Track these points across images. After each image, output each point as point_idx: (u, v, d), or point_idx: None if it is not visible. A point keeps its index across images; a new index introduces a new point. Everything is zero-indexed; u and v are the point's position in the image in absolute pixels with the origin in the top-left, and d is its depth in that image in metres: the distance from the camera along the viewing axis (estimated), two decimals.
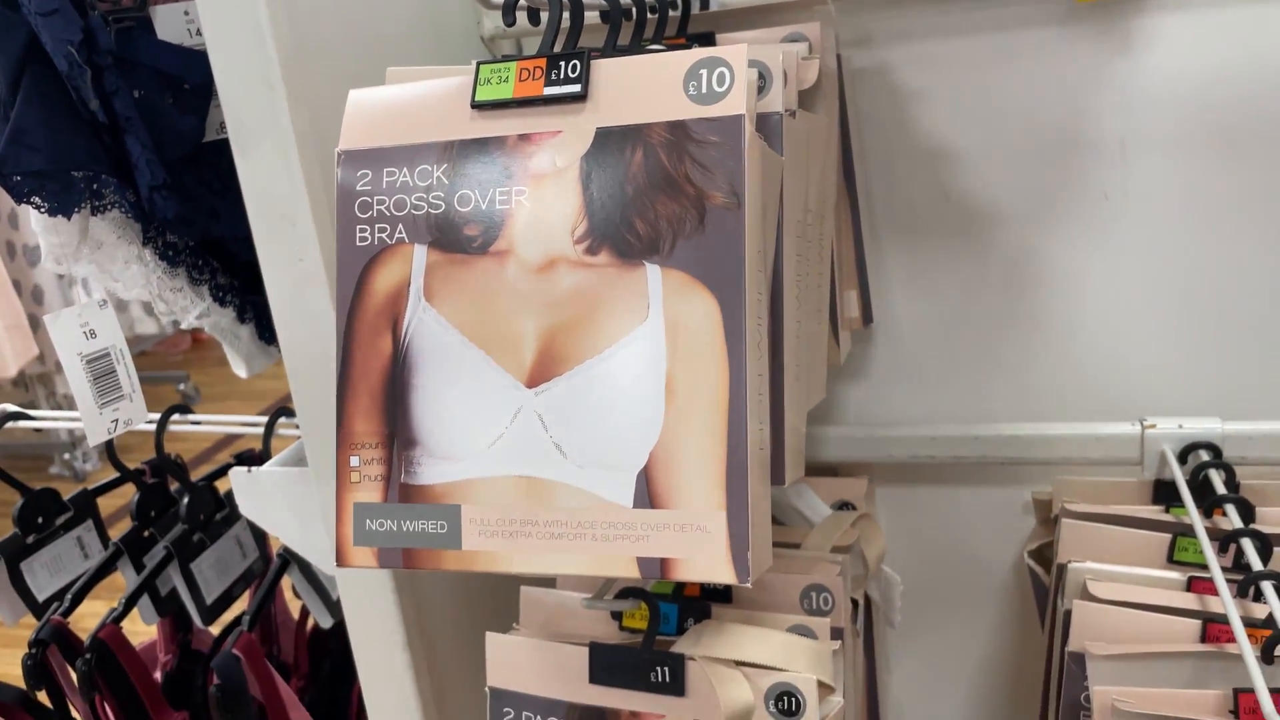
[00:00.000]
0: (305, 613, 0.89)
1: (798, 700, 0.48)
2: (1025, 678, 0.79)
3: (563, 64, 0.42)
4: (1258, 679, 0.44)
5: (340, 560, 0.43)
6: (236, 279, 0.64)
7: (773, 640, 0.49)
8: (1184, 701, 0.49)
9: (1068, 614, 0.57)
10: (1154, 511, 0.63)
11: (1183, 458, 0.66)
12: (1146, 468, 0.67)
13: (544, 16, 0.48)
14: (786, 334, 0.49)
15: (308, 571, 0.72)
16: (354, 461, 0.43)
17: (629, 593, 0.51)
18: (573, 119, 0.42)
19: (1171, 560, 0.61)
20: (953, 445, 0.71)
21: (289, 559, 0.72)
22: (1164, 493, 0.66)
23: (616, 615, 0.54)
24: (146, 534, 0.79)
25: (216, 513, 0.78)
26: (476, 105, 0.43)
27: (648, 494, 0.39)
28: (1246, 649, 0.46)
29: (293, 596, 0.89)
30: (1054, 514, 0.69)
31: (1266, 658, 0.47)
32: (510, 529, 0.41)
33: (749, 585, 0.38)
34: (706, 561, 0.38)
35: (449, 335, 0.43)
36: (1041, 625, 0.70)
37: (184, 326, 0.62)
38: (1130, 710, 0.47)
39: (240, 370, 0.67)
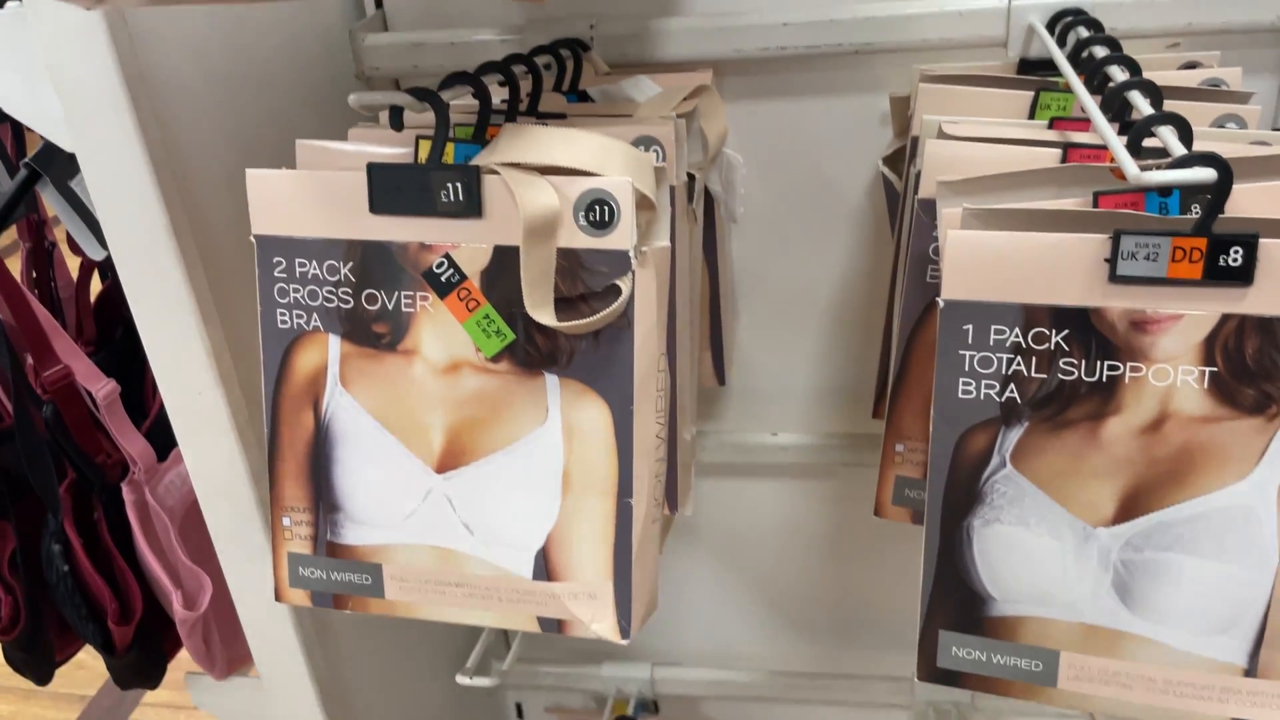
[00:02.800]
0: (87, 271, 0.78)
1: (611, 208, 0.41)
2: (878, 308, 0.76)
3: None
4: (1119, 151, 0.39)
5: None
6: None
7: (582, 141, 0.41)
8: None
9: (919, 174, 0.52)
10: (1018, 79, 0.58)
11: (1051, 30, 0.60)
12: (1011, 46, 0.62)
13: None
14: None
15: (64, 189, 0.61)
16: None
17: (415, 92, 0.42)
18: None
19: (1033, 118, 0.56)
20: (806, 32, 0.63)
21: (37, 170, 0.61)
22: (1029, 70, 0.61)
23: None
24: None
25: None
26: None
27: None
28: (1110, 137, 0.41)
29: (70, 255, 0.78)
30: (911, 111, 0.63)
31: (1133, 148, 0.42)
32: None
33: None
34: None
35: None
36: (892, 233, 0.66)
37: None
38: (984, 208, 0.42)
39: None
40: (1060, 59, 0.52)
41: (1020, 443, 0.42)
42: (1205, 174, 0.37)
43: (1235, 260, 0.38)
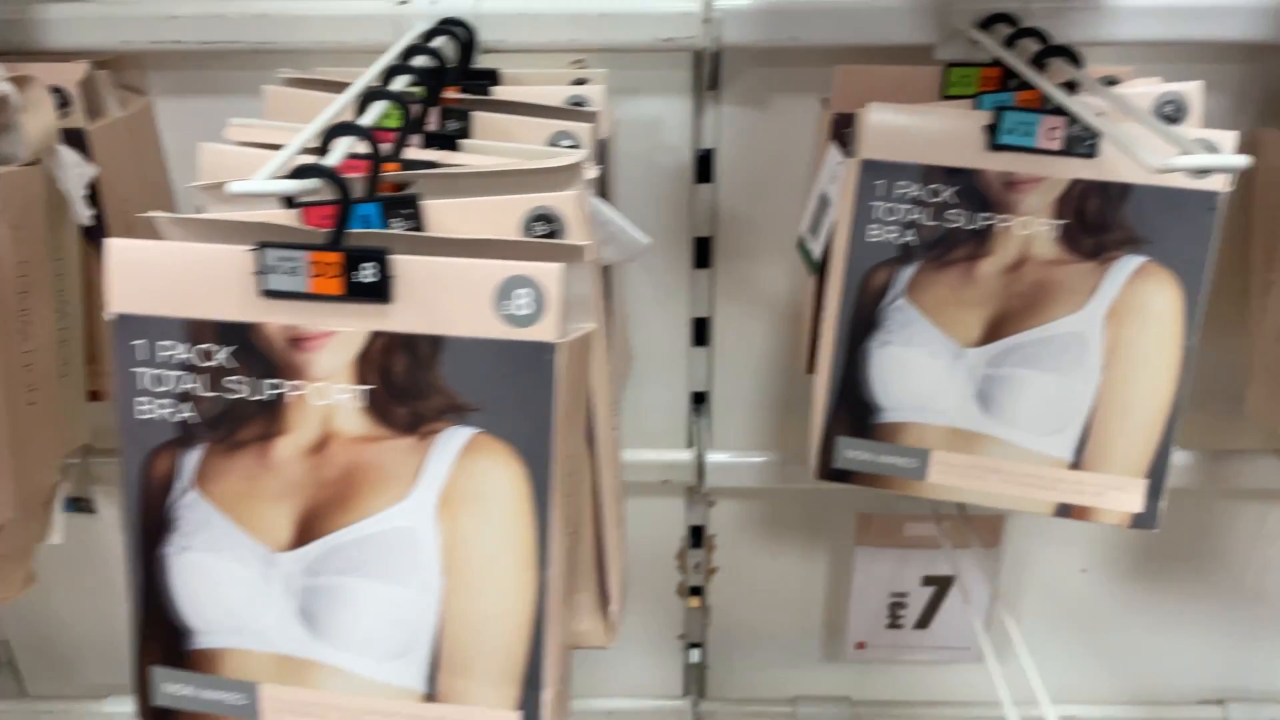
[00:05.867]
0: None
1: None
2: None
3: None
4: None
5: None
6: None
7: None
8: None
9: None
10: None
11: (431, 36, 0.59)
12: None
13: None
14: None
15: None
16: None
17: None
18: None
19: None
20: (195, 27, 0.60)
21: None
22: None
23: None
24: None
25: None
26: None
27: None
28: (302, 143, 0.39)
29: None
30: None
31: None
32: None
33: None
34: None
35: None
36: None
37: None
38: (180, 216, 0.40)
39: None
40: (376, 66, 0.50)
41: (203, 465, 0.40)
42: (306, 184, 0.36)
43: (372, 276, 0.37)
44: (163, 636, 0.41)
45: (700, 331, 0.74)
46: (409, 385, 0.38)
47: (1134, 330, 0.50)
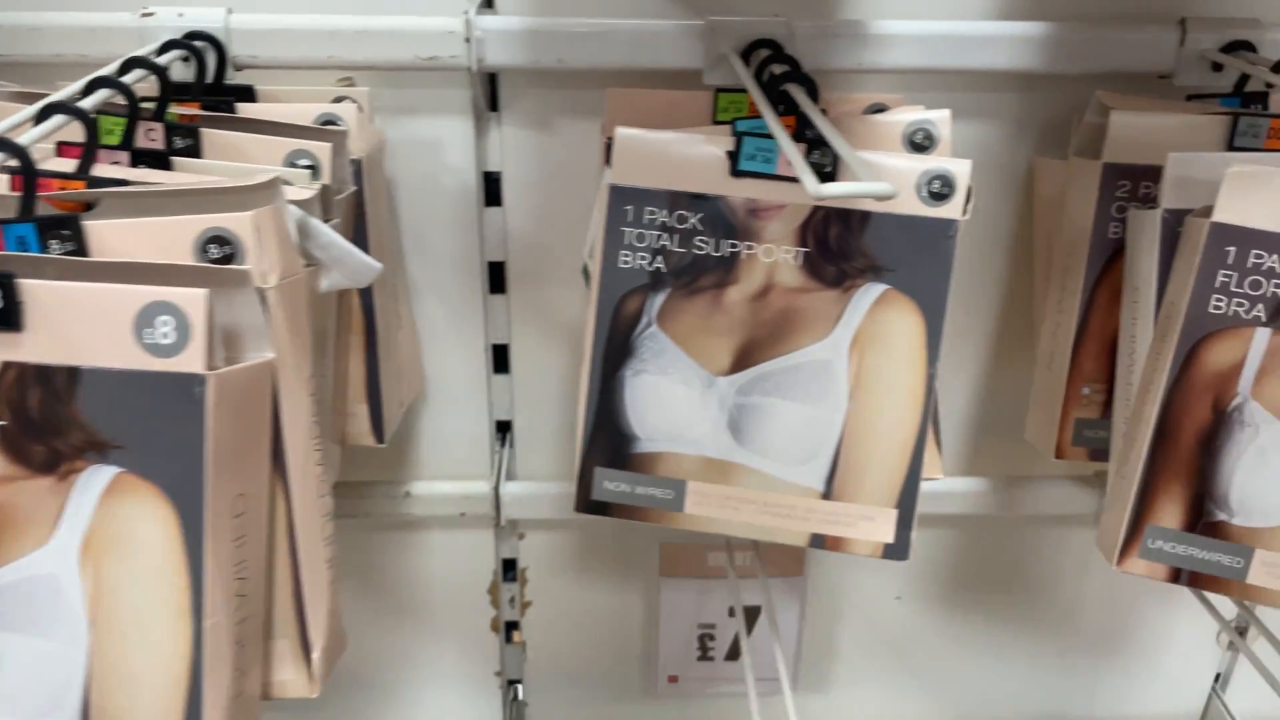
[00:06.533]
0: None
1: None
2: None
3: None
4: None
5: None
6: None
7: None
8: None
9: None
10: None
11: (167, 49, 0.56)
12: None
13: None
14: None
15: None
16: None
17: None
18: None
19: None
20: None
21: None
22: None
23: None
24: None
25: None
26: None
27: None
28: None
29: None
30: None
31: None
32: None
33: None
34: None
35: None
36: None
37: None
38: None
39: None
40: (81, 82, 0.47)
41: None
42: None
43: None
44: None
45: (501, 359, 0.71)
46: (45, 420, 0.35)
47: (878, 358, 0.50)
